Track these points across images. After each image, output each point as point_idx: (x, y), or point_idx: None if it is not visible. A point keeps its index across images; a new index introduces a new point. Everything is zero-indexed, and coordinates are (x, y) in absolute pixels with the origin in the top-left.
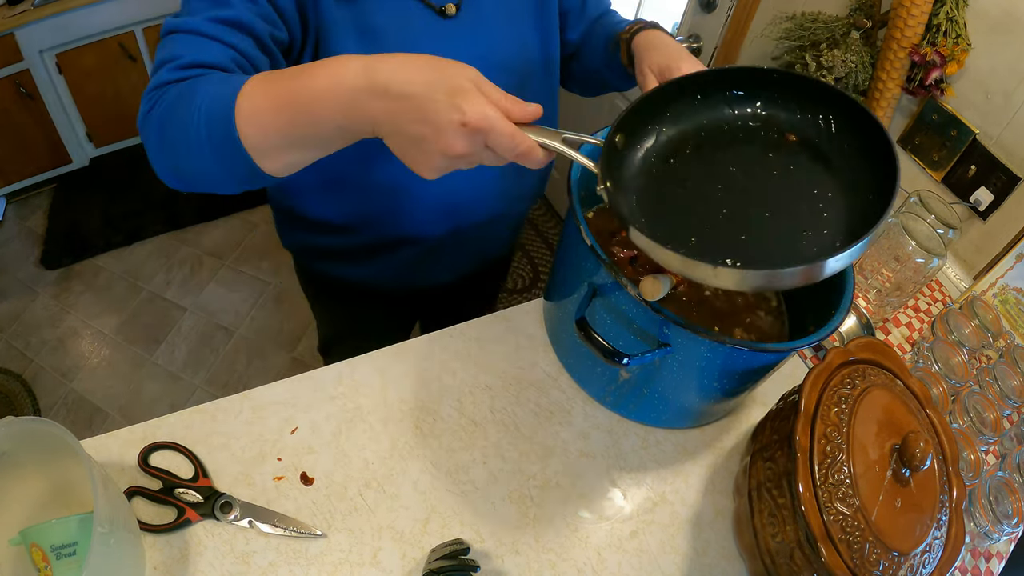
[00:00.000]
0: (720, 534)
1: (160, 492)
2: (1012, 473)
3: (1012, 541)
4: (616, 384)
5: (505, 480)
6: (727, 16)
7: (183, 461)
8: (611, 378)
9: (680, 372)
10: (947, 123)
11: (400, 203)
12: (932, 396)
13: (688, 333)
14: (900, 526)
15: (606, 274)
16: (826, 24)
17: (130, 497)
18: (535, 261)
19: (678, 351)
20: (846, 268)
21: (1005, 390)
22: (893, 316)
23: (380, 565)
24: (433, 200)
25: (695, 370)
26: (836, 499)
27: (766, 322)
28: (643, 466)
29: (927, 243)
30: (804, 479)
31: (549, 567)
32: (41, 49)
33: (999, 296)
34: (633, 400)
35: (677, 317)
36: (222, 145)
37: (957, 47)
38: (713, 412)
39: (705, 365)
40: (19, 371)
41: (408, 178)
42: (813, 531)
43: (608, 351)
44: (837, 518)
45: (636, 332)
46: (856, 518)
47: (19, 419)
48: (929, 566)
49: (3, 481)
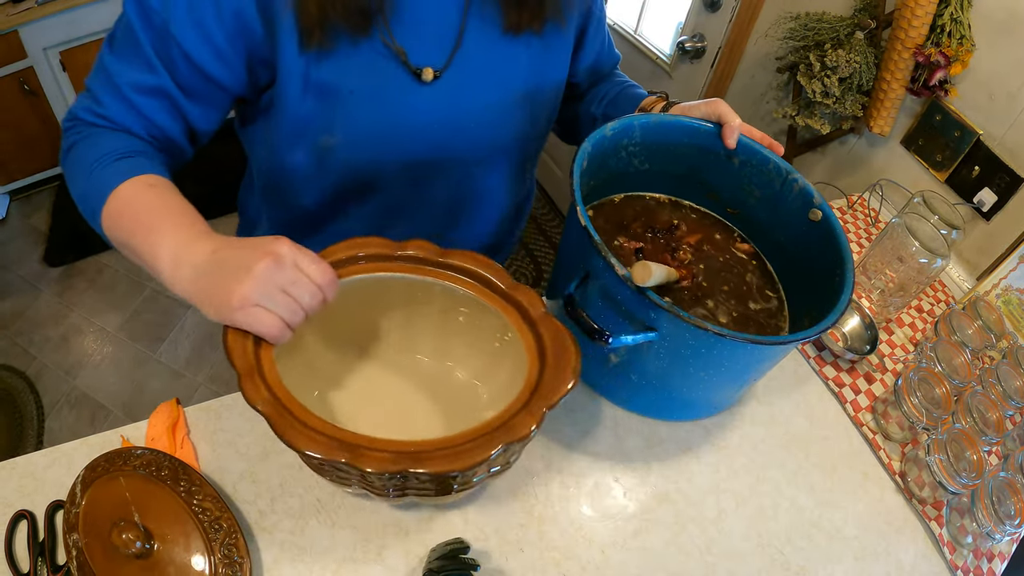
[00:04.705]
0: (724, 532)
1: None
2: (1015, 473)
3: (1014, 541)
4: (607, 368)
5: (509, 478)
6: (731, 16)
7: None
8: (602, 361)
9: (668, 359)
10: (951, 124)
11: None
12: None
13: (672, 318)
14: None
15: (598, 256)
16: (830, 24)
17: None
18: (538, 259)
19: (665, 336)
20: (846, 265)
21: (1008, 390)
22: (896, 316)
23: (385, 562)
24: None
25: (681, 357)
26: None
27: (765, 318)
28: (646, 464)
29: (930, 244)
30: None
31: (553, 565)
32: (45, 47)
33: (1002, 297)
34: (624, 386)
35: (661, 300)
36: (90, 218)
37: (961, 48)
38: (711, 404)
39: (691, 353)
40: (22, 368)
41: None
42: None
43: (591, 329)
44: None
45: (624, 315)
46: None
47: None
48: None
49: None
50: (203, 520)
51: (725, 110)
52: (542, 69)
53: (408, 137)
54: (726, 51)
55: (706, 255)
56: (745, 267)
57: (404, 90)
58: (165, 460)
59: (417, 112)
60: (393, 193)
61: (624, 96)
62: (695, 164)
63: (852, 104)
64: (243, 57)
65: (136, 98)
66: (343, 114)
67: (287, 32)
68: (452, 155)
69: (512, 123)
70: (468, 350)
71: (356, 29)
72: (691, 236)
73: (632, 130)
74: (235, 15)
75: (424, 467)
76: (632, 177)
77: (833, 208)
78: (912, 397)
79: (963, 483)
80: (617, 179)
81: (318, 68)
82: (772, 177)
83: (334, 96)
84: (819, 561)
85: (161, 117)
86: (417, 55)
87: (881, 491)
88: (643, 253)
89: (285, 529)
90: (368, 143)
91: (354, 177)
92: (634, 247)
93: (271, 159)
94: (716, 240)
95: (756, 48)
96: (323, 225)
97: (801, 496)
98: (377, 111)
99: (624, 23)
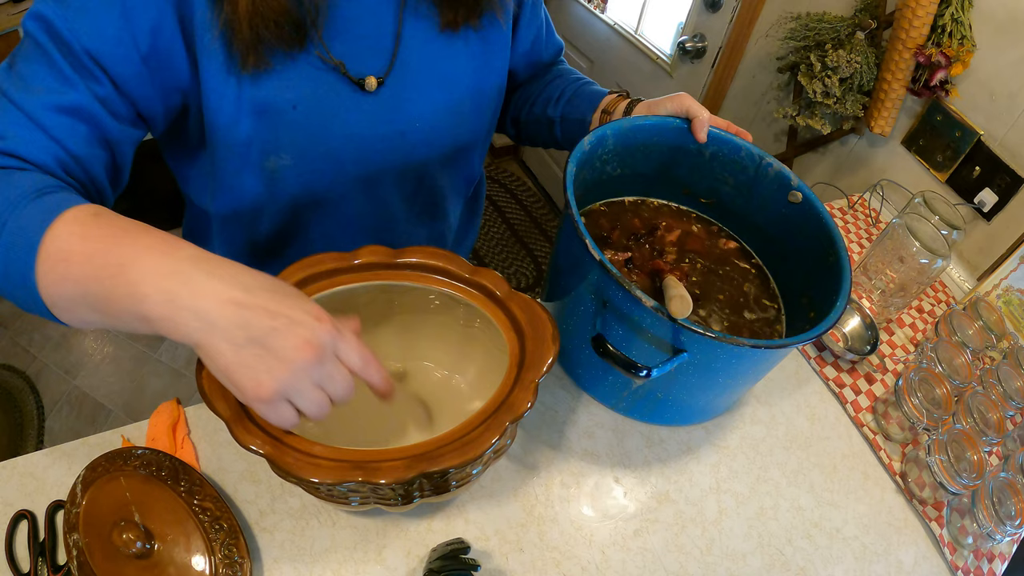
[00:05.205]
0: (724, 532)
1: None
2: (1015, 474)
3: (1015, 542)
4: (630, 391)
5: (510, 478)
6: (732, 16)
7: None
8: (624, 386)
9: (695, 375)
10: (952, 124)
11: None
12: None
13: (705, 339)
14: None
15: (621, 289)
16: (831, 24)
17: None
18: (538, 259)
19: (694, 355)
20: (837, 244)
21: (1008, 391)
22: (897, 317)
23: (385, 562)
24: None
25: (710, 371)
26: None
27: (762, 319)
28: (647, 465)
29: (931, 244)
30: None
31: (553, 565)
32: None
33: (1003, 297)
34: (648, 404)
35: (696, 326)
36: (16, 282)
37: (962, 48)
38: (718, 407)
39: (720, 367)
40: (23, 368)
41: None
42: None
43: (628, 364)
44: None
45: (651, 340)
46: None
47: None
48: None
49: None
50: (203, 520)
51: (691, 104)
52: (484, 64)
53: (359, 149)
54: (727, 51)
55: (690, 251)
56: (730, 255)
57: (349, 101)
58: (165, 460)
59: (365, 123)
60: (352, 206)
61: (581, 95)
62: (666, 161)
63: (853, 104)
64: (160, 78)
65: (50, 120)
66: (289, 132)
67: (209, 54)
68: (406, 160)
69: (460, 122)
70: (438, 344)
71: (292, 45)
72: (671, 234)
73: (606, 139)
74: (152, 32)
75: (440, 465)
76: (605, 184)
77: (834, 208)
78: (913, 397)
79: (964, 484)
80: (592, 188)
81: (254, 87)
82: (745, 164)
83: (275, 114)
84: (819, 561)
85: (80, 145)
86: (356, 65)
87: (882, 491)
88: (633, 263)
89: (285, 529)
90: (319, 160)
91: (309, 197)
92: (624, 257)
93: (218, 195)
94: (695, 233)
95: (757, 48)
96: (283, 250)
97: (801, 496)
98: (324, 125)
99: (624, 23)
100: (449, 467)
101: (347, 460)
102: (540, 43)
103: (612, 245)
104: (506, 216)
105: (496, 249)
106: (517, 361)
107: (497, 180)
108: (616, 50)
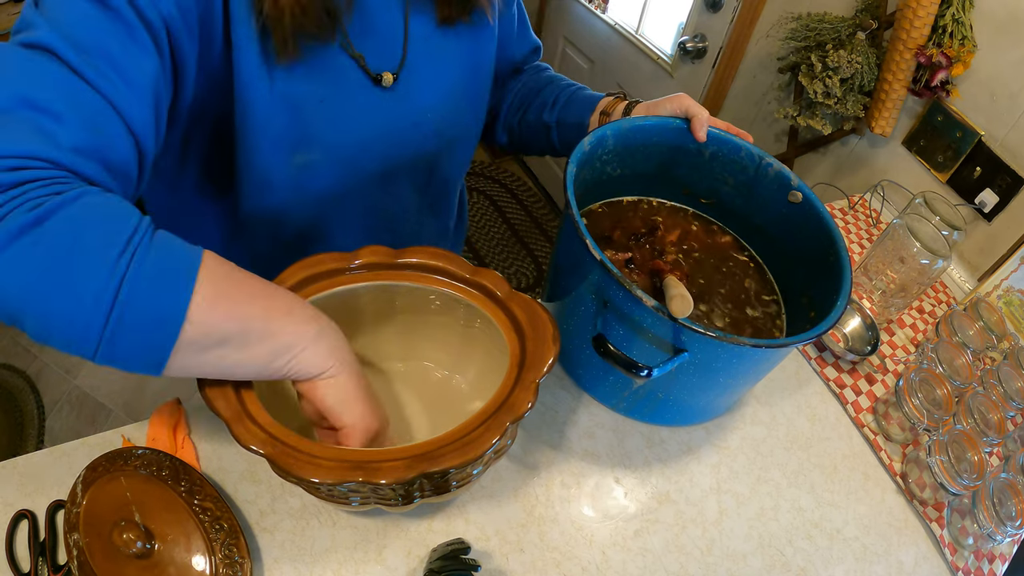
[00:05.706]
0: (725, 533)
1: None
2: (1016, 475)
3: (1015, 543)
4: (630, 391)
5: (510, 478)
6: (733, 16)
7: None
8: (624, 386)
9: (696, 375)
10: (952, 125)
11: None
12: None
13: (705, 338)
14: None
15: (622, 289)
16: (832, 25)
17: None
18: (538, 259)
19: (694, 355)
20: (837, 243)
21: (1009, 392)
22: (897, 317)
23: (385, 562)
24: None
25: (710, 371)
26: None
27: (762, 317)
28: (647, 465)
29: (932, 244)
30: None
31: (554, 566)
32: None
33: (1003, 298)
34: (649, 405)
35: (697, 325)
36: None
37: (963, 48)
38: (719, 407)
39: (721, 366)
40: (23, 367)
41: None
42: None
43: (629, 364)
44: None
45: (651, 340)
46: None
47: None
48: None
49: None
50: (204, 520)
51: (690, 104)
52: (476, 56)
53: (379, 142)
54: (727, 51)
55: (689, 249)
56: (726, 248)
57: (369, 96)
58: (166, 460)
59: (383, 117)
60: (369, 200)
61: (577, 99)
62: (665, 161)
63: (853, 105)
64: (205, 68)
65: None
66: (317, 126)
67: (244, 47)
68: (418, 152)
69: (462, 112)
70: (438, 344)
71: (325, 37)
72: (671, 234)
73: (606, 140)
74: (200, 19)
75: (440, 465)
76: (606, 184)
77: (834, 209)
78: (913, 398)
79: (964, 484)
80: (592, 188)
81: (286, 82)
82: (745, 164)
83: (305, 108)
84: (820, 562)
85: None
86: (373, 60)
87: (882, 492)
88: (633, 263)
89: (286, 529)
90: (344, 154)
91: (332, 192)
92: (624, 258)
93: (245, 194)
94: (694, 232)
95: (757, 48)
96: (305, 247)
97: (802, 497)
98: (348, 119)
99: (625, 23)
100: (449, 467)
101: (347, 460)
102: (513, 40)
103: (613, 245)
104: (506, 216)
105: (496, 249)
106: (517, 361)
107: (497, 180)
108: (617, 50)
